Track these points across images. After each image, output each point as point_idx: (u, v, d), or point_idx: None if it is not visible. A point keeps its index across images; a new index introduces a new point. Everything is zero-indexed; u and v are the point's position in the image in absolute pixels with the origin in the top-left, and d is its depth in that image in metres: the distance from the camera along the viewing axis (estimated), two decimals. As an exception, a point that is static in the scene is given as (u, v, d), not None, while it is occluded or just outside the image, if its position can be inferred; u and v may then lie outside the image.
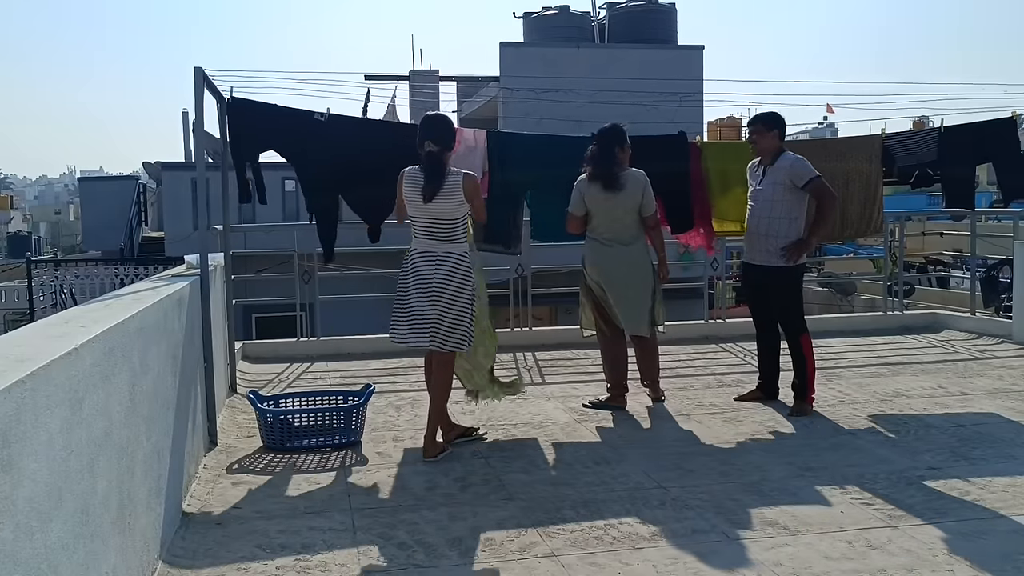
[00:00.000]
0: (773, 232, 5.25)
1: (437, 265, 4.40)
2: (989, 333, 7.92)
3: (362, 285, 9.80)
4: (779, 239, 5.24)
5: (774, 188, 5.26)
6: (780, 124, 5.35)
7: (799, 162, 5.24)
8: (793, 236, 5.23)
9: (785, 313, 5.40)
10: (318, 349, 7.42)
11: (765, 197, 5.30)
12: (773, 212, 5.25)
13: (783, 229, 5.23)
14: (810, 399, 5.35)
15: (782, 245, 5.22)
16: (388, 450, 4.67)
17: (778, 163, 5.28)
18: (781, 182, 5.23)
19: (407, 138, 6.27)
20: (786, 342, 5.44)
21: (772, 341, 5.55)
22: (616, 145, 5.25)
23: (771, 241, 5.26)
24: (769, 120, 5.34)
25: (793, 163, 5.24)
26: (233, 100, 5.46)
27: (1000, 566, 3.17)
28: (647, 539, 3.45)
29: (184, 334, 4.01)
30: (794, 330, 5.37)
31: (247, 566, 3.23)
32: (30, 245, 36.41)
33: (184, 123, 27.46)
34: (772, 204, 5.25)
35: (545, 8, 22.88)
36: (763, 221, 5.29)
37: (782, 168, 5.25)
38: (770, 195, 5.27)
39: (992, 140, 6.89)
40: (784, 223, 5.23)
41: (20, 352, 2.14)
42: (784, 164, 5.26)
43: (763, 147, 5.34)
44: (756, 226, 5.34)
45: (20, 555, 1.83)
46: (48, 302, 18.41)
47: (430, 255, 4.44)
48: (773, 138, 5.30)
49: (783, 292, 5.35)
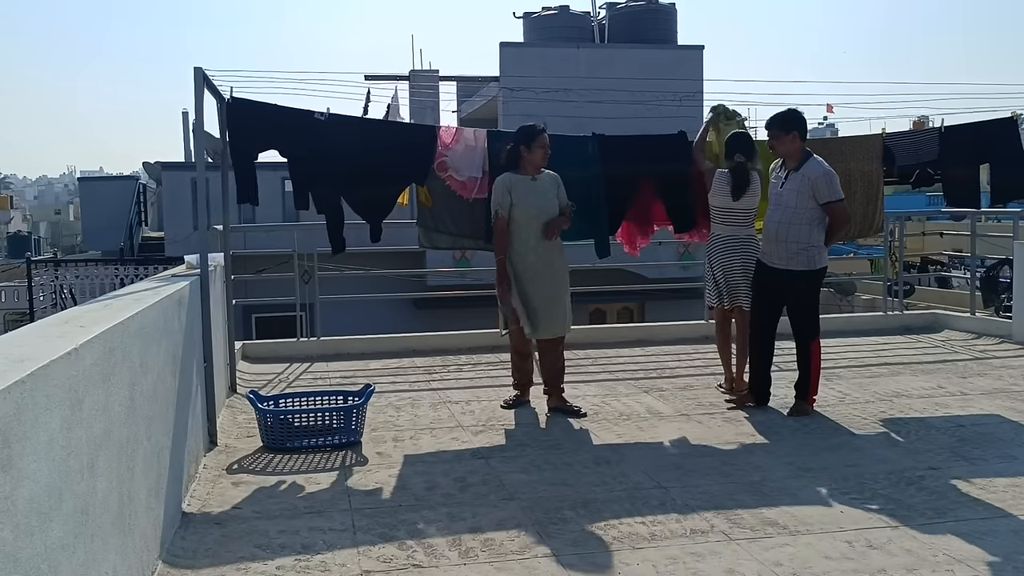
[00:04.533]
0: (793, 238, 5.11)
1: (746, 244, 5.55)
2: (989, 333, 7.91)
3: (362, 285, 9.80)
4: (799, 243, 5.10)
5: (798, 196, 5.08)
6: (799, 124, 5.14)
7: (828, 177, 5.06)
8: (814, 241, 5.11)
9: (803, 316, 5.29)
10: (318, 349, 7.42)
11: (786, 204, 5.13)
12: (794, 219, 5.09)
13: (803, 235, 5.09)
14: (811, 400, 5.32)
15: (803, 248, 5.08)
16: (388, 450, 4.67)
17: (804, 170, 5.09)
18: (806, 191, 5.06)
19: (408, 137, 6.31)
20: (796, 344, 5.35)
21: (765, 343, 5.40)
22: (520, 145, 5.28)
23: (791, 246, 5.12)
24: (786, 122, 5.14)
25: (822, 176, 5.05)
26: (233, 100, 5.46)
27: (1000, 566, 3.17)
28: (647, 539, 3.45)
29: (184, 334, 4.01)
30: (808, 335, 5.28)
31: (247, 566, 3.23)
32: (30, 245, 36.42)
33: (184, 123, 27.47)
34: (794, 211, 5.09)
35: (545, 8, 22.87)
36: (782, 227, 5.13)
37: (809, 178, 5.07)
38: (792, 202, 5.10)
39: (993, 140, 6.88)
40: (805, 229, 5.09)
41: (20, 352, 2.14)
42: (812, 174, 5.07)
43: (783, 152, 5.19)
44: (776, 232, 5.18)
45: (20, 555, 1.83)
46: (48, 302, 18.42)
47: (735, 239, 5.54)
48: (793, 140, 5.11)
49: (803, 295, 5.24)
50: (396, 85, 20.58)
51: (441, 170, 5.88)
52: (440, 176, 5.89)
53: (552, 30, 22.03)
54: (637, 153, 6.29)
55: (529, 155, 5.26)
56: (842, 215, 5.16)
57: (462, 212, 6.01)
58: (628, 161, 6.18)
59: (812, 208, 5.09)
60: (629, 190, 6.25)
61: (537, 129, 5.32)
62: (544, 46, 20.71)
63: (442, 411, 5.48)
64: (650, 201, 6.38)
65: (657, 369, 6.71)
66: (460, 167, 5.92)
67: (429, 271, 14.81)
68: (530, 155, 5.26)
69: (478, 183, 5.95)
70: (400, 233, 7.40)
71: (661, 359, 7.10)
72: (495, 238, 5.36)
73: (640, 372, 6.59)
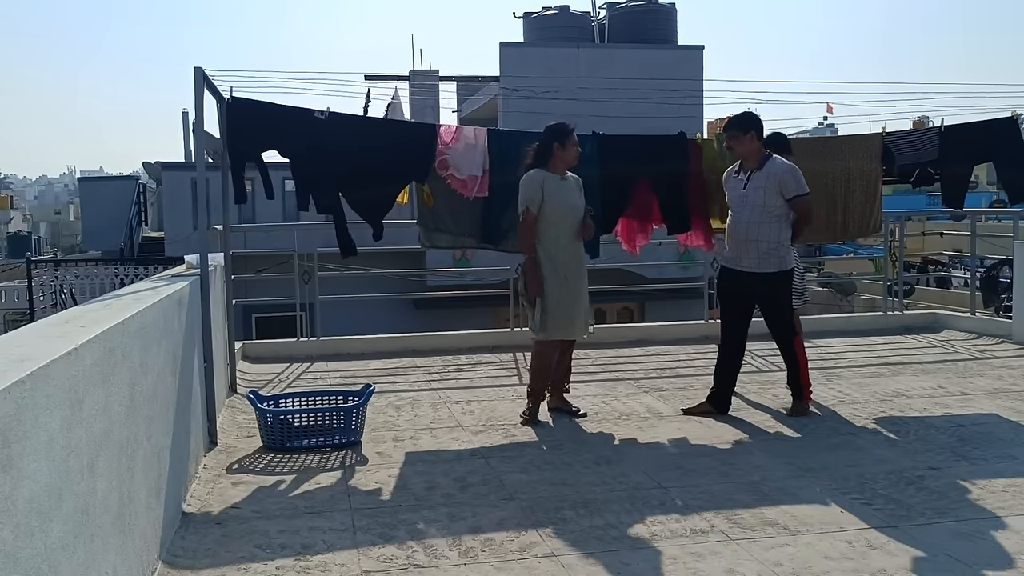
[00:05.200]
0: (764, 236, 5.06)
1: None
2: (989, 333, 7.91)
3: (362, 285, 9.80)
4: (770, 242, 5.06)
5: (765, 193, 5.04)
6: (756, 125, 5.11)
7: (793, 172, 5.05)
8: (783, 240, 5.09)
9: (780, 317, 5.24)
10: (318, 349, 7.42)
11: (754, 203, 5.07)
12: (763, 218, 5.05)
13: (774, 234, 5.06)
14: (807, 395, 5.33)
15: (773, 248, 5.05)
16: (388, 450, 4.67)
17: (768, 167, 5.07)
18: (773, 187, 5.03)
19: (408, 136, 6.31)
20: (777, 346, 5.34)
21: (736, 352, 5.33)
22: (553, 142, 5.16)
23: (762, 245, 5.07)
24: (744, 123, 5.12)
25: (788, 171, 5.04)
26: (233, 100, 5.46)
27: (1000, 566, 3.17)
28: (647, 539, 3.45)
29: (184, 334, 4.01)
30: (787, 335, 5.25)
31: (247, 566, 3.23)
32: (30, 245, 36.43)
33: (184, 123, 27.47)
34: (763, 209, 5.04)
35: (545, 8, 22.88)
36: (752, 227, 5.08)
37: (774, 174, 5.04)
38: (760, 200, 5.05)
39: (993, 139, 6.88)
40: (775, 228, 5.06)
41: (20, 352, 2.14)
42: (777, 170, 5.05)
43: (741, 152, 5.13)
44: (746, 232, 5.10)
45: (20, 555, 1.83)
46: (48, 302, 18.41)
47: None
48: (751, 140, 5.08)
49: (778, 295, 5.20)
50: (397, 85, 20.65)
51: (442, 168, 5.88)
52: (441, 174, 5.89)
53: (552, 30, 22.05)
54: (636, 152, 6.29)
55: (563, 153, 5.15)
56: (808, 210, 5.12)
57: (462, 211, 6.01)
58: (628, 160, 6.19)
59: (780, 205, 5.06)
60: (628, 189, 6.25)
61: (570, 128, 5.23)
62: (544, 46, 20.73)
63: (442, 411, 5.48)
64: (650, 200, 6.39)
65: (657, 369, 6.71)
66: (460, 165, 5.92)
67: (429, 271, 14.82)
68: (563, 153, 5.15)
69: (478, 181, 5.95)
70: (400, 233, 7.41)
71: (661, 359, 7.11)
72: (522, 235, 5.20)
73: (640, 372, 6.59)
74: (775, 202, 5.06)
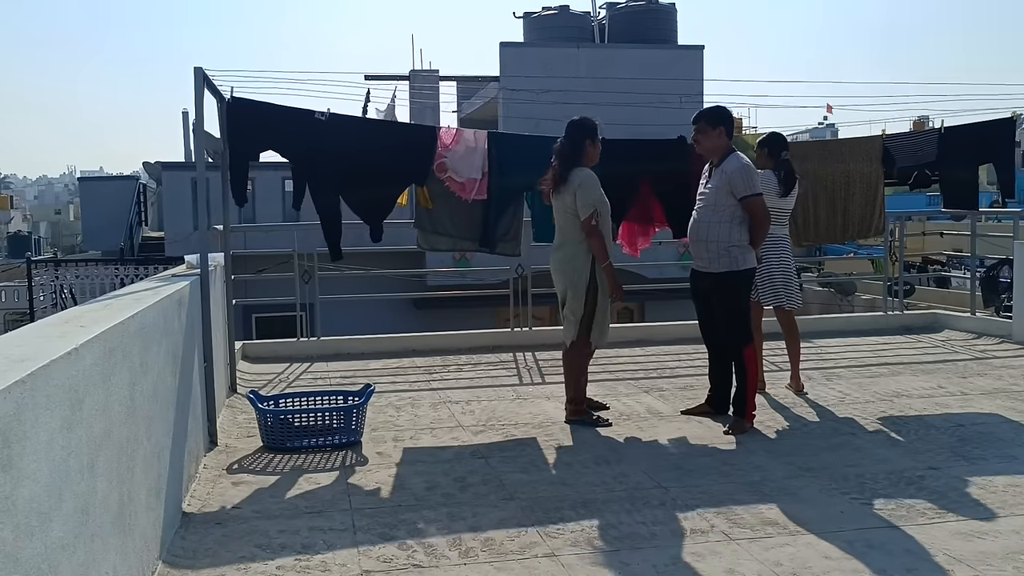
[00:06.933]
0: (714, 237, 4.87)
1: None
2: (989, 333, 7.91)
3: (362, 285, 9.81)
4: (720, 243, 4.86)
5: (717, 192, 4.86)
6: (726, 121, 4.93)
7: (745, 171, 4.83)
8: (735, 240, 4.85)
9: (728, 321, 4.98)
10: (318, 349, 7.42)
11: (708, 201, 4.92)
12: (714, 217, 4.87)
13: (724, 234, 4.85)
14: (750, 416, 4.95)
15: (724, 248, 4.85)
16: (388, 450, 4.67)
17: (724, 165, 4.86)
18: (723, 187, 4.84)
19: (408, 137, 6.31)
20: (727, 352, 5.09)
21: (719, 351, 5.18)
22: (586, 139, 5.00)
23: (711, 246, 4.89)
24: (714, 117, 4.92)
25: (738, 170, 4.82)
26: (233, 100, 5.46)
27: (1000, 566, 3.17)
28: (647, 539, 3.45)
29: (184, 334, 4.01)
30: (737, 341, 4.98)
31: (247, 566, 3.23)
32: (30, 245, 36.44)
33: (184, 123, 27.44)
34: (715, 209, 4.87)
35: (545, 8, 22.89)
36: (703, 226, 4.92)
37: (726, 172, 4.84)
38: (713, 199, 4.88)
39: (993, 140, 6.89)
40: (725, 228, 4.85)
41: (20, 352, 2.14)
42: (729, 168, 4.84)
43: (706, 147, 4.93)
44: (698, 232, 4.96)
45: (20, 555, 1.83)
46: (48, 302, 18.40)
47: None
48: (718, 136, 4.88)
49: (726, 297, 4.95)
50: (395, 85, 20.65)
51: (440, 171, 5.88)
52: (439, 177, 5.89)
53: (552, 30, 22.06)
54: (637, 155, 6.30)
55: (593, 150, 5.03)
56: (759, 210, 4.86)
57: (461, 214, 6.02)
58: (628, 163, 6.19)
59: (732, 205, 4.84)
60: (628, 192, 6.25)
61: (596, 123, 5.08)
62: (544, 46, 20.73)
63: (442, 411, 5.48)
64: (651, 203, 6.39)
65: (657, 369, 6.71)
66: (460, 168, 5.92)
67: (429, 271, 14.81)
68: (594, 149, 5.04)
69: (477, 184, 5.95)
70: (400, 233, 7.40)
71: (661, 359, 7.11)
72: (598, 240, 4.90)
73: (640, 372, 6.59)
74: (726, 201, 4.84)
